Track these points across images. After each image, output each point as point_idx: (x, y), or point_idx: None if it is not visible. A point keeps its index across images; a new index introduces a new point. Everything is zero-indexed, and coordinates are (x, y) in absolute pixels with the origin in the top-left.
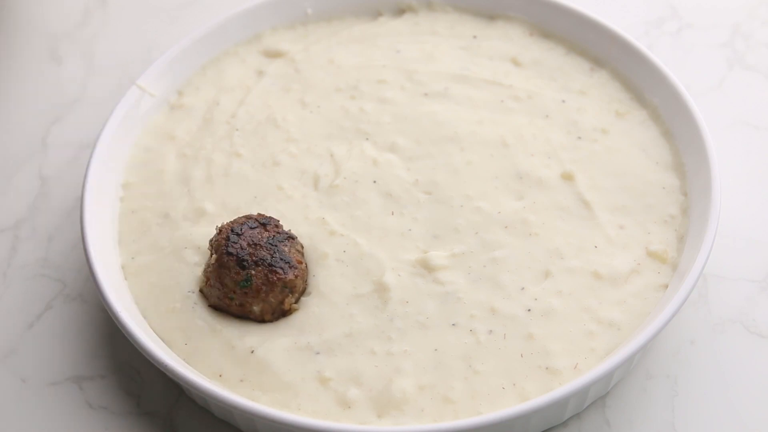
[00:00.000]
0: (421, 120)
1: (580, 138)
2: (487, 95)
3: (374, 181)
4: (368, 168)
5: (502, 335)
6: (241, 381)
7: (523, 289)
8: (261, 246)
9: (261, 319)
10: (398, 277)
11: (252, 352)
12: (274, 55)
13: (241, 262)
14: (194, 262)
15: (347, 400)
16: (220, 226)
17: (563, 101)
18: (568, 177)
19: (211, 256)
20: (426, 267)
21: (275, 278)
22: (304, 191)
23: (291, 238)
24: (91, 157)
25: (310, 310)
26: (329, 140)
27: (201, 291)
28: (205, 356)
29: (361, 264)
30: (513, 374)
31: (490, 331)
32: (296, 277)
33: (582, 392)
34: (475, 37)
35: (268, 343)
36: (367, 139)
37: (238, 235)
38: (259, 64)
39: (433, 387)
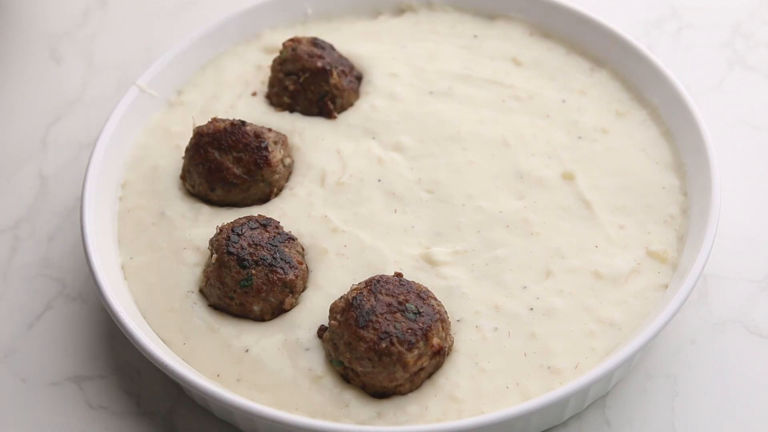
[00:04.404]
0: (426, 119)
1: (580, 138)
2: (489, 95)
3: (379, 180)
4: (373, 166)
5: (507, 333)
6: (238, 381)
7: (525, 287)
8: (262, 246)
9: (261, 319)
10: (400, 270)
11: (246, 351)
12: (274, 51)
13: (241, 262)
14: (193, 263)
15: (343, 398)
16: (220, 226)
17: (563, 101)
18: (568, 177)
19: (212, 255)
20: (429, 261)
21: (276, 278)
22: (309, 188)
23: (291, 239)
24: (91, 157)
25: (304, 304)
26: (336, 138)
27: (201, 291)
28: (203, 356)
29: (362, 257)
30: (517, 373)
31: (496, 328)
32: (297, 277)
33: (582, 392)
34: (475, 36)
35: (263, 341)
36: (373, 138)
37: (238, 235)
38: (258, 60)
39: (438, 384)
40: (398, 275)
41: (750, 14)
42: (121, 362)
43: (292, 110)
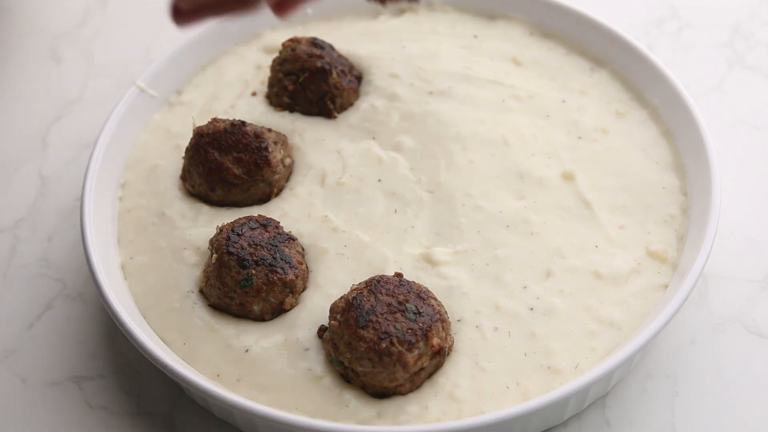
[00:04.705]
0: (425, 119)
1: (580, 138)
2: (489, 95)
3: (379, 180)
4: (373, 166)
5: (507, 333)
6: (238, 381)
7: (525, 287)
8: (262, 246)
9: (261, 319)
10: (400, 270)
11: (246, 351)
12: (274, 51)
13: (241, 262)
14: (193, 262)
15: (343, 398)
16: (220, 226)
17: (563, 101)
18: (568, 177)
19: (212, 255)
20: (429, 261)
21: (276, 278)
22: (309, 188)
23: (291, 239)
24: (91, 157)
25: (304, 304)
26: (336, 138)
27: (201, 291)
28: (203, 356)
29: (362, 257)
30: (517, 373)
31: (496, 328)
32: (297, 277)
33: (582, 392)
34: (475, 36)
35: (263, 341)
36: (373, 138)
37: (238, 235)
38: (258, 59)
39: (438, 384)
40: (398, 275)
41: (750, 14)
42: (121, 362)
43: (291, 110)
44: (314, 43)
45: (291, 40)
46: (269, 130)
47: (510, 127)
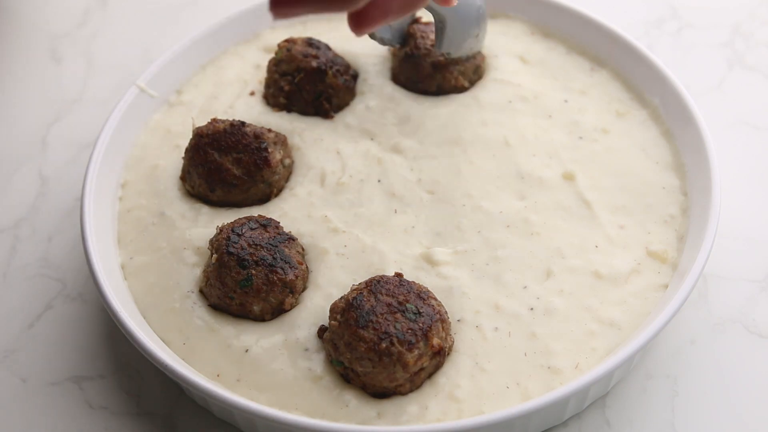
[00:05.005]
0: (425, 119)
1: (581, 138)
2: (490, 94)
3: (378, 180)
4: (373, 167)
5: (507, 333)
6: (238, 381)
7: (525, 287)
8: (262, 246)
9: (261, 320)
10: (400, 270)
11: (246, 351)
12: (273, 50)
13: (241, 262)
14: (193, 262)
15: (343, 398)
16: (220, 226)
17: (565, 101)
18: (569, 177)
19: (212, 255)
20: (429, 261)
21: (276, 278)
22: (309, 188)
23: (291, 239)
24: (91, 157)
25: (304, 304)
26: (335, 138)
27: (201, 291)
28: (203, 356)
29: (362, 257)
30: (517, 373)
31: (496, 328)
32: (297, 277)
33: (582, 392)
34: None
35: (263, 341)
36: (372, 138)
37: (238, 235)
38: (257, 59)
39: (438, 384)
40: (398, 275)
41: (750, 14)
42: (121, 362)
43: (288, 110)
44: (310, 43)
45: (287, 40)
46: (269, 130)
47: (511, 128)
